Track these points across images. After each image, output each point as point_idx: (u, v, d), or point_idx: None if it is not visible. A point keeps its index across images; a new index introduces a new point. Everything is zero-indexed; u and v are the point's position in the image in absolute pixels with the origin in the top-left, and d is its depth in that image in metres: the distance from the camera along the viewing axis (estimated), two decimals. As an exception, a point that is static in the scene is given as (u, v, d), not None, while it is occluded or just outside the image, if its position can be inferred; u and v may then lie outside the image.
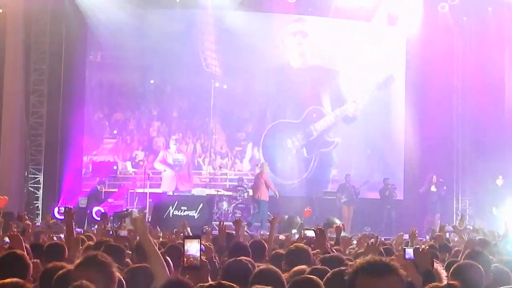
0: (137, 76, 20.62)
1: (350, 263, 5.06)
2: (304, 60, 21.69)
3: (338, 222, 16.87)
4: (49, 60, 19.48)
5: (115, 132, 20.64)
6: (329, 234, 10.49)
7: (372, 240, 7.32)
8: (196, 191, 19.65)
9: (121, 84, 20.52)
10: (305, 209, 19.29)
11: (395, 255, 7.05)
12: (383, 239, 10.87)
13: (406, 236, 11.23)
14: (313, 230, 8.02)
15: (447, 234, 13.14)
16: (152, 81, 20.81)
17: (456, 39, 22.14)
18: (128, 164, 20.41)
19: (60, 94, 19.67)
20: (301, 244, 6.82)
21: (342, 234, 9.85)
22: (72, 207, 7.24)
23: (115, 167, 19.29)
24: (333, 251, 7.35)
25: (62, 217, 16.73)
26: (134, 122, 20.81)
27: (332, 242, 8.90)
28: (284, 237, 11.31)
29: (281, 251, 7.19)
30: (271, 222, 9.03)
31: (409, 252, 5.70)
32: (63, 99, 19.74)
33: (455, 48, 22.18)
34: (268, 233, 10.68)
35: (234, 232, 9.04)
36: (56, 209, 18.37)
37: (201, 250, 4.56)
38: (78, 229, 12.36)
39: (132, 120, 20.81)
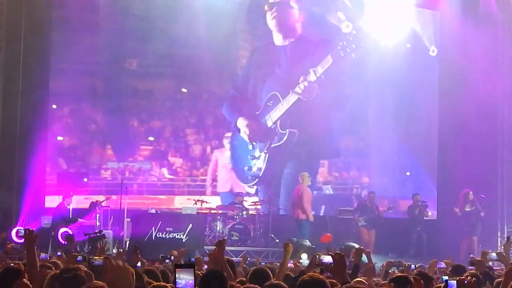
0: (173, 83, 22.44)
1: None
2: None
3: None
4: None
5: (151, 139, 22.18)
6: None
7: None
8: (185, 209, 19.57)
9: (156, 91, 22.30)
10: (326, 234, 19.31)
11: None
12: (413, 267, 10.79)
13: (441, 264, 11.15)
14: (331, 255, 7.89)
15: (490, 263, 13.04)
16: (185, 90, 22.54)
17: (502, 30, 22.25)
18: (165, 170, 21.90)
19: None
20: (317, 274, 6.68)
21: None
22: (33, 229, 7.10)
23: (85, 179, 19.23)
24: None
25: (22, 241, 16.67)
26: (171, 129, 22.44)
27: (349, 271, 8.76)
28: (292, 264, 11.21)
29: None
30: (285, 247, 8.87)
31: (452, 284, 5.62)
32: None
33: (501, 42, 22.25)
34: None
35: (234, 258, 8.94)
36: (14, 231, 18.25)
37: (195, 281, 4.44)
38: (43, 255, 12.26)
39: (168, 127, 22.44)
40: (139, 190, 21.55)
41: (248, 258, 14.32)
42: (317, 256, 8.18)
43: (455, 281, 5.66)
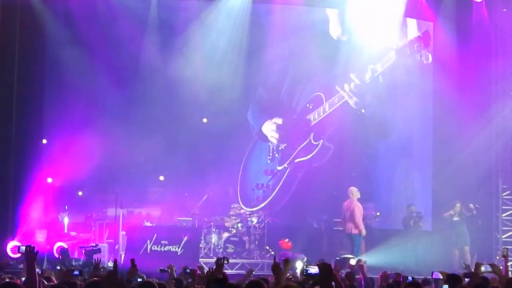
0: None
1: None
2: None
3: (353, 261, 17.04)
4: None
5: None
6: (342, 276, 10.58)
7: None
8: (181, 221, 19.72)
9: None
10: (284, 240, 19.56)
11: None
12: (409, 279, 10.94)
13: (438, 275, 11.28)
14: (318, 265, 8.05)
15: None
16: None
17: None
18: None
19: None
20: (293, 284, 6.89)
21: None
22: (34, 246, 7.22)
23: (80, 193, 19.36)
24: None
25: (18, 256, 16.77)
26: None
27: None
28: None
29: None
30: (285, 262, 9.00)
31: None
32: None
33: (493, 47, 22.47)
34: None
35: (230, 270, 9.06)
36: (9, 245, 18.21)
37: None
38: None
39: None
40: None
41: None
42: (305, 266, 8.18)
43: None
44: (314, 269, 7.59)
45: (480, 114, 21.67)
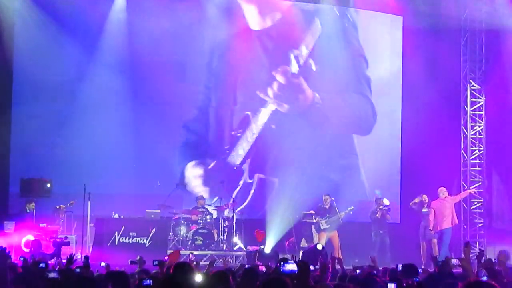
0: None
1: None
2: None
3: (320, 247, 17.62)
4: None
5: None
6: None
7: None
8: (149, 213, 19.99)
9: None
10: (259, 231, 20.01)
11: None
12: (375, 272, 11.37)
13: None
14: (296, 263, 7.74)
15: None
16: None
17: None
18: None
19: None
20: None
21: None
22: (5, 247, 7.40)
23: (48, 185, 19.52)
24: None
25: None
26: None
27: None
28: (263, 268, 11.61)
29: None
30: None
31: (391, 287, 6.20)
32: None
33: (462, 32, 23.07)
34: None
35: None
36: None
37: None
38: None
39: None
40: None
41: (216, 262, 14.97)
42: (281, 263, 7.89)
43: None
44: (291, 266, 7.45)
45: (449, 102, 22.30)
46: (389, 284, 6.38)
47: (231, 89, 21.77)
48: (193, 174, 21.60)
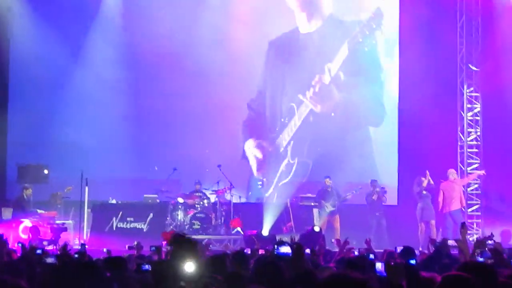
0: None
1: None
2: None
3: (318, 229, 17.71)
4: None
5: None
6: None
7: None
8: (146, 198, 20.09)
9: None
10: (236, 219, 20.16)
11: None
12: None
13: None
14: (290, 245, 7.91)
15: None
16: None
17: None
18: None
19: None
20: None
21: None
22: (2, 233, 7.46)
23: (45, 171, 19.57)
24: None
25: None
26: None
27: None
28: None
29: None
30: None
31: (379, 267, 6.26)
32: None
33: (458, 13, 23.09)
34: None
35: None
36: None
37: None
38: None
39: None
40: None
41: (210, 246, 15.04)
42: (275, 246, 8.01)
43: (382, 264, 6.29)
44: (285, 249, 7.63)
45: (445, 84, 22.34)
46: (376, 263, 6.38)
47: (281, 80, 22.75)
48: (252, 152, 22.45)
